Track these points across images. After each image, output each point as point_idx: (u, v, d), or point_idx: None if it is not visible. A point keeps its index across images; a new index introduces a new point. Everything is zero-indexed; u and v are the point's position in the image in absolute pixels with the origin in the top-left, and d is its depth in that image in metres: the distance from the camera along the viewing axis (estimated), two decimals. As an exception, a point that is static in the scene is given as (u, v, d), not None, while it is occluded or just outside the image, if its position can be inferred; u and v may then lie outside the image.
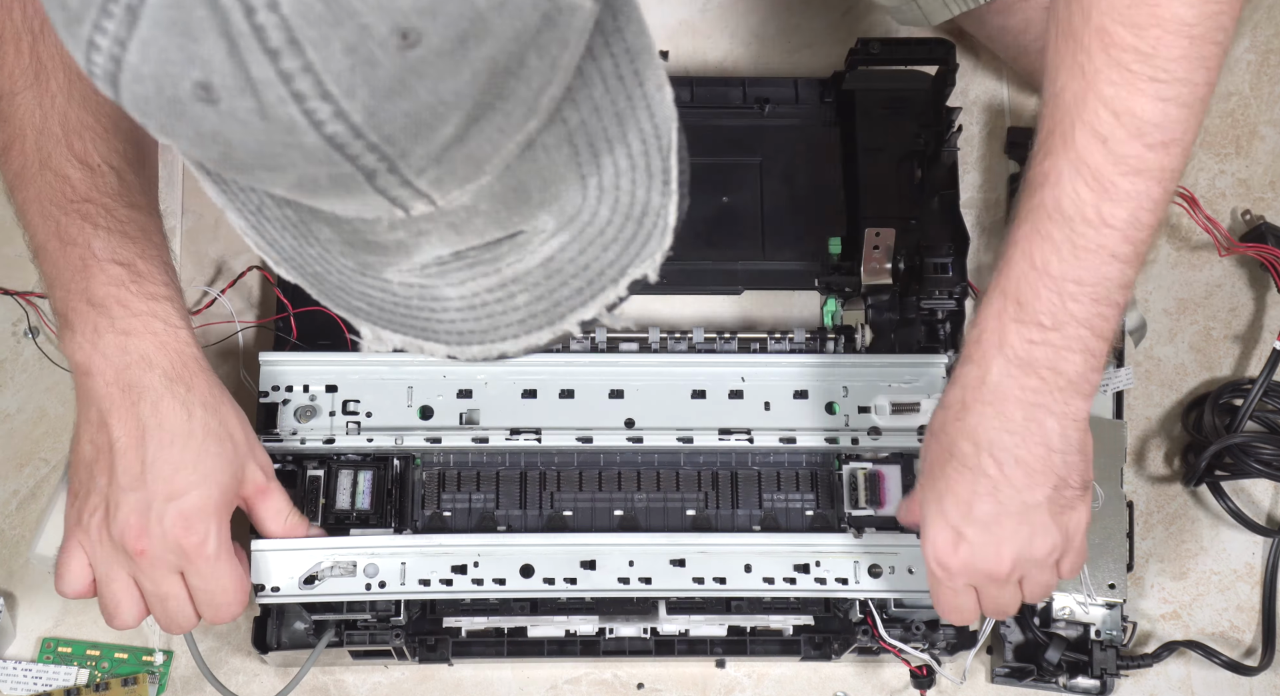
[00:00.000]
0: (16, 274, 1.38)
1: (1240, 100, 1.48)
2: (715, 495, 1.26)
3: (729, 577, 1.19)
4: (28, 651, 1.31)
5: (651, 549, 1.20)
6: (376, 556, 1.19)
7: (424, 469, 1.26)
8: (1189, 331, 1.42)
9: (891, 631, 1.22)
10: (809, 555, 1.20)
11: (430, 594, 1.19)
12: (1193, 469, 1.35)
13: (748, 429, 1.25)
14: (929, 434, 1.09)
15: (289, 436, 1.23)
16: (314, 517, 1.22)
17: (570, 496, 1.25)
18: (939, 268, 1.33)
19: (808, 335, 1.32)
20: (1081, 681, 1.29)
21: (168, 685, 1.29)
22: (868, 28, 1.48)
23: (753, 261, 1.36)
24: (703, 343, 1.31)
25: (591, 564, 1.19)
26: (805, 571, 1.20)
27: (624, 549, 1.20)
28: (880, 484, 1.26)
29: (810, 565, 1.20)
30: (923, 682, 1.26)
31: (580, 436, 1.24)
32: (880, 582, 1.20)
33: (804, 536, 1.21)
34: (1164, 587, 1.36)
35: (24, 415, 1.36)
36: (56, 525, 1.25)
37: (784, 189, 1.34)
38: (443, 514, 1.25)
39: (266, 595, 1.18)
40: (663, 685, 1.32)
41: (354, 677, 1.30)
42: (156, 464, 1.06)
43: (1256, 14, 1.50)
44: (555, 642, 1.26)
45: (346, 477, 1.24)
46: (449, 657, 1.25)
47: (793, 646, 1.27)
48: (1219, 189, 1.45)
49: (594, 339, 1.30)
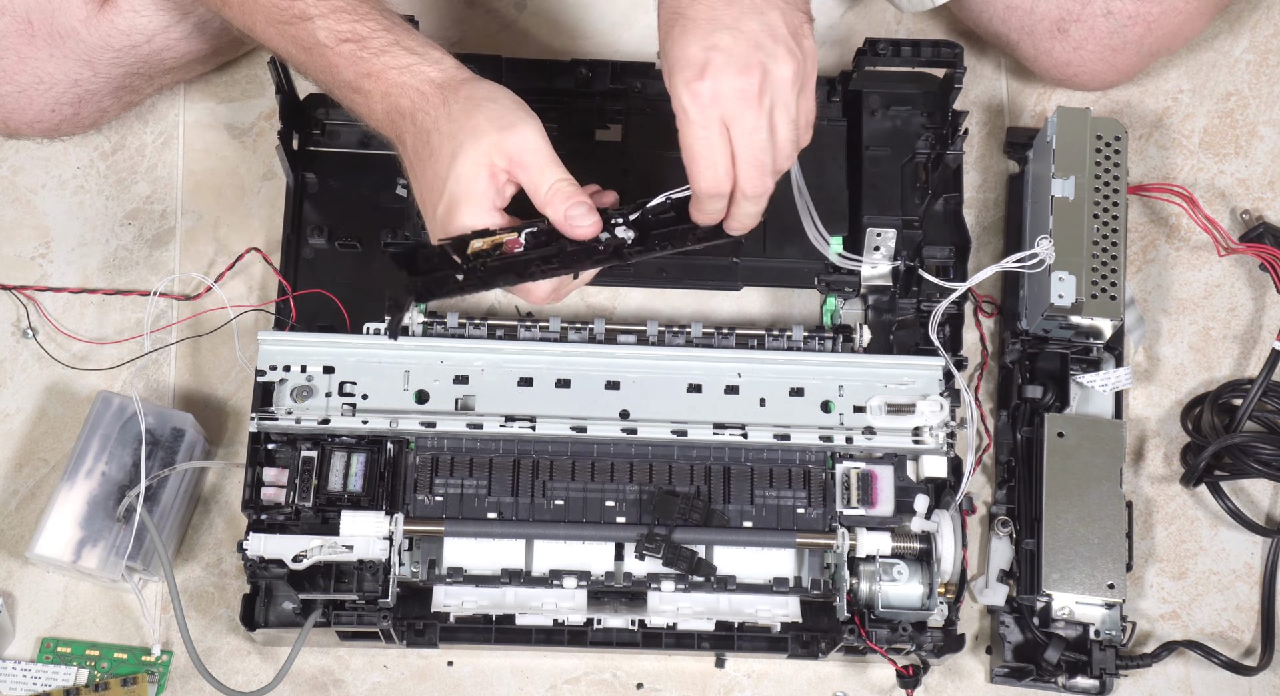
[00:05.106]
0: (16, 272, 1.39)
1: (1239, 100, 1.48)
2: (708, 489, 1.26)
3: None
4: (27, 651, 1.31)
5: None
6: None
7: (417, 453, 1.26)
8: (1188, 331, 1.42)
9: (878, 632, 1.22)
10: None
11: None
12: (1192, 469, 1.35)
13: (742, 424, 1.25)
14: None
15: (284, 416, 1.24)
16: (305, 499, 1.23)
17: (563, 485, 1.26)
18: (940, 270, 1.33)
19: (806, 333, 1.32)
20: (1081, 681, 1.28)
21: (167, 685, 1.30)
22: (867, 28, 1.48)
23: (753, 258, 1.36)
24: (700, 337, 1.31)
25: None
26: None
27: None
28: (873, 483, 1.27)
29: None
30: (909, 682, 1.26)
31: (575, 426, 1.25)
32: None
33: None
34: (1163, 587, 1.36)
35: (24, 415, 1.36)
36: (56, 525, 1.26)
37: (787, 187, 1.34)
38: (435, 498, 1.25)
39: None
40: (662, 685, 1.32)
41: (353, 677, 1.30)
42: (421, 182, 1.12)
43: (1256, 14, 1.50)
44: (543, 632, 1.26)
45: (340, 459, 1.24)
46: (436, 642, 1.26)
47: (780, 643, 1.27)
48: (1218, 189, 1.45)
49: (592, 330, 1.31)
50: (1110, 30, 1.37)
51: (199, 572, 1.33)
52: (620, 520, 1.25)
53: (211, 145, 1.43)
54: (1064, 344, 1.33)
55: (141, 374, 1.36)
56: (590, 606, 1.25)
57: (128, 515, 1.26)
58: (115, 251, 1.40)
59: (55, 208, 1.41)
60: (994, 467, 1.36)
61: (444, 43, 1.45)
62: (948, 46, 1.32)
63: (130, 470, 1.28)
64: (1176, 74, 1.48)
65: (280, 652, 1.30)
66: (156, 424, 1.30)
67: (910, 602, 1.23)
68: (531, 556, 1.24)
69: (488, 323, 1.32)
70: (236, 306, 1.37)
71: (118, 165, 1.42)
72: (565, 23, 1.49)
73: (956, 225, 1.35)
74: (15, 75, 1.32)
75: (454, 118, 1.08)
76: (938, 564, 1.23)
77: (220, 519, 1.34)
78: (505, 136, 1.07)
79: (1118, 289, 1.29)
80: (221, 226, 1.41)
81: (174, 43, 1.34)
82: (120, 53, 1.32)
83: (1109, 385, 1.32)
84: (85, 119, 1.38)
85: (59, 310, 1.38)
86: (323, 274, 1.35)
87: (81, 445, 1.28)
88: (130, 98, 1.39)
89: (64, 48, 1.31)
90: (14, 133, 1.39)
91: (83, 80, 1.33)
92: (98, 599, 1.32)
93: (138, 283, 1.39)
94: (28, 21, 1.31)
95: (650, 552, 1.22)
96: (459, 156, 1.07)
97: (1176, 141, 1.46)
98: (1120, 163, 1.32)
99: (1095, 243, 1.30)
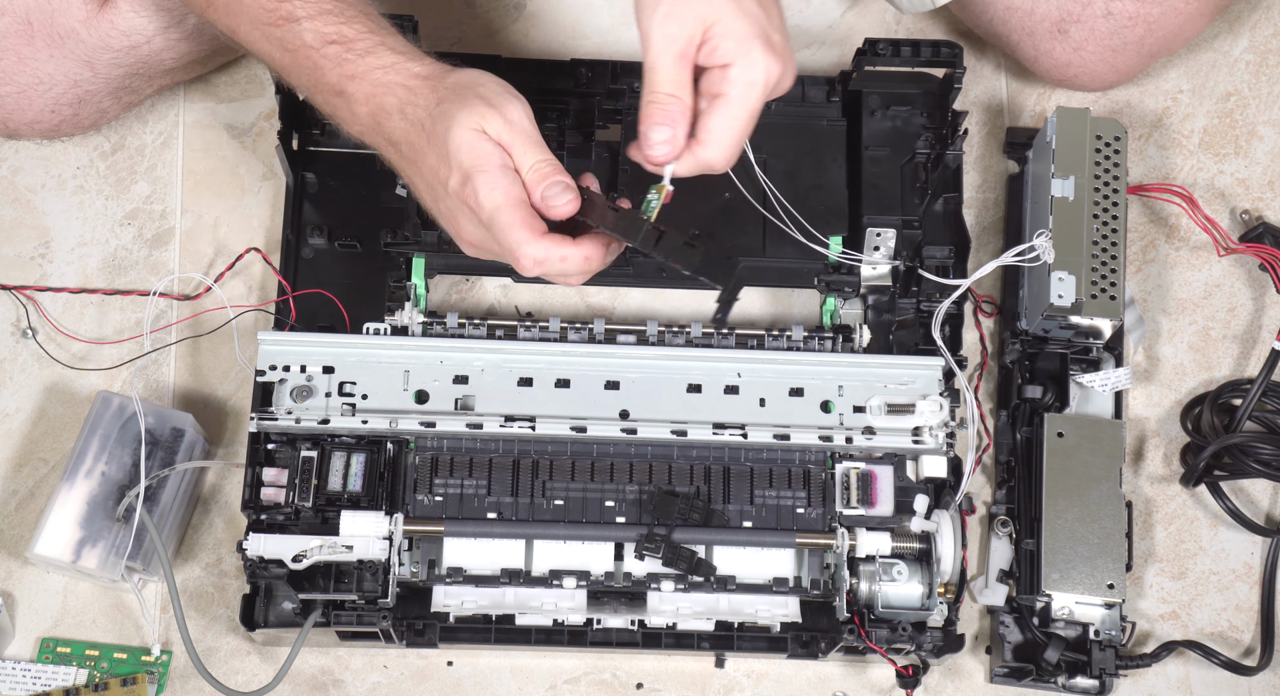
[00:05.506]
0: (16, 272, 1.39)
1: (1239, 100, 1.48)
2: (707, 489, 1.26)
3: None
4: (27, 651, 1.31)
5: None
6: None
7: (417, 453, 1.26)
8: (1188, 331, 1.42)
9: (878, 632, 1.22)
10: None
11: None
12: (1191, 469, 1.35)
13: (742, 424, 1.25)
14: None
15: (284, 416, 1.24)
16: (305, 499, 1.23)
17: (562, 485, 1.26)
18: (939, 270, 1.33)
19: (805, 333, 1.32)
20: (1080, 681, 1.28)
21: (167, 685, 1.30)
22: (867, 28, 1.48)
23: (753, 258, 1.36)
24: (700, 337, 1.31)
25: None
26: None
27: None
28: (872, 484, 1.27)
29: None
30: (909, 682, 1.26)
31: (575, 426, 1.25)
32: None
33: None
34: (1163, 587, 1.36)
35: (23, 415, 1.36)
36: (56, 525, 1.26)
37: (787, 186, 1.34)
38: (435, 498, 1.25)
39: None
40: (662, 685, 1.32)
41: (353, 677, 1.30)
42: (423, 171, 1.11)
43: (1256, 14, 1.50)
44: (543, 632, 1.26)
45: (339, 459, 1.24)
46: (436, 642, 1.26)
47: (780, 643, 1.27)
48: (1218, 189, 1.45)
49: (592, 330, 1.31)
50: (1110, 31, 1.37)
51: (199, 572, 1.33)
52: (620, 520, 1.25)
53: (211, 145, 1.43)
54: (1064, 344, 1.33)
55: (141, 374, 1.36)
56: (590, 606, 1.25)
57: (128, 515, 1.26)
58: (115, 251, 1.40)
59: (55, 208, 1.41)
60: (994, 467, 1.36)
61: (444, 43, 1.46)
62: (947, 46, 1.32)
63: (130, 470, 1.28)
64: (1176, 74, 1.48)
65: (280, 652, 1.30)
66: (156, 424, 1.30)
67: (910, 602, 1.23)
68: (531, 556, 1.24)
69: (487, 323, 1.32)
70: (236, 306, 1.37)
71: (117, 165, 1.42)
72: (565, 23, 1.49)
73: (956, 225, 1.35)
74: (15, 76, 1.32)
75: (444, 100, 1.08)
76: (937, 564, 1.23)
77: (220, 519, 1.34)
78: (493, 111, 1.07)
79: (1117, 289, 1.29)
80: (221, 226, 1.41)
81: (174, 43, 1.34)
82: (120, 53, 1.32)
83: (1109, 385, 1.32)
84: (85, 119, 1.38)
85: (59, 310, 1.38)
86: (322, 274, 1.35)
87: (81, 445, 1.28)
88: (130, 98, 1.39)
89: (63, 48, 1.31)
90: (13, 133, 1.39)
91: (82, 81, 1.33)
92: (97, 599, 1.32)
93: (137, 283, 1.39)
94: (27, 22, 1.30)
95: (650, 552, 1.22)
96: (454, 128, 1.07)
97: (1176, 141, 1.46)
98: (1120, 163, 1.32)
99: (1095, 243, 1.30)
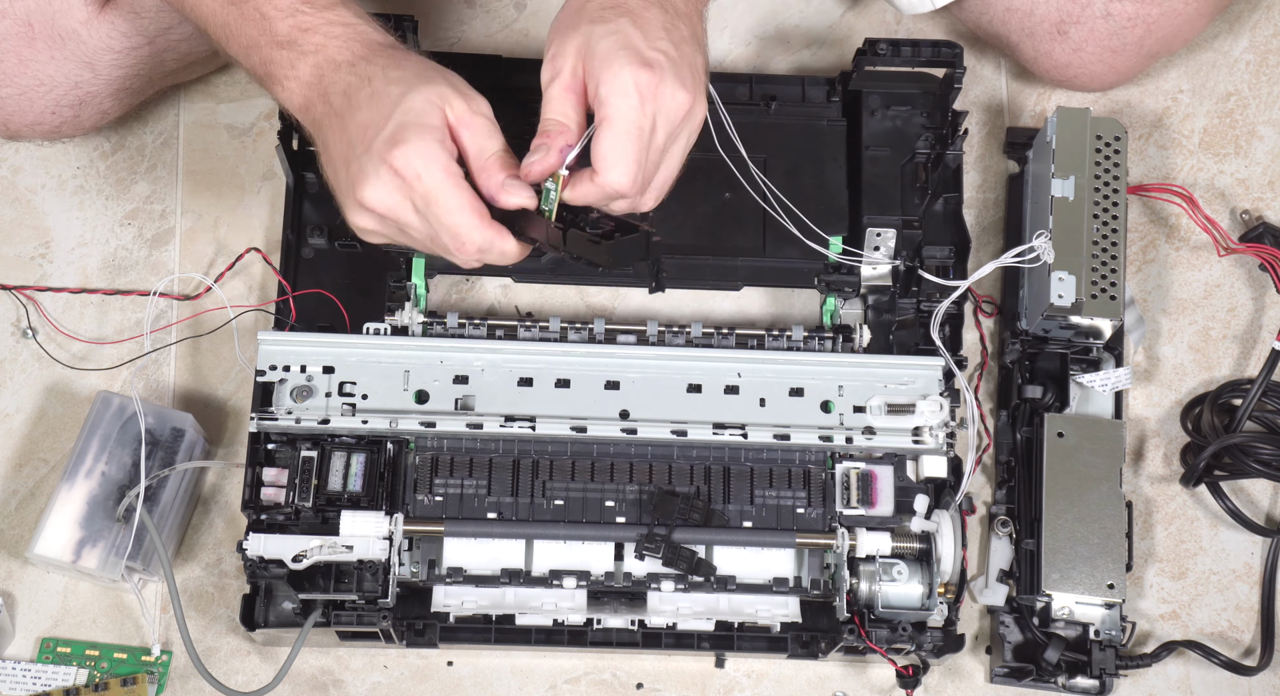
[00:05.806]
0: (16, 272, 1.39)
1: (1239, 100, 1.48)
2: (707, 489, 1.26)
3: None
4: (27, 651, 1.31)
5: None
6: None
7: (417, 453, 1.26)
8: (1188, 331, 1.42)
9: (878, 632, 1.22)
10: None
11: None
12: (1192, 469, 1.35)
13: (742, 424, 1.25)
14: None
15: (284, 416, 1.24)
16: (305, 499, 1.23)
17: (562, 485, 1.26)
18: (939, 270, 1.33)
19: (805, 333, 1.32)
20: (1080, 681, 1.28)
21: (167, 685, 1.30)
22: (867, 28, 1.48)
23: (753, 258, 1.36)
24: (700, 337, 1.31)
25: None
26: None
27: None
28: (872, 484, 1.27)
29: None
30: (909, 682, 1.26)
31: (575, 426, 1.25)
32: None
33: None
34: (1163, 587, 1.36)
35: (24, 415, 1.36)
36: (56, 525, 1.26)
37: (787, 186, 1.34)
38: (435, 498, 1.25)
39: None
40: (662, 685, 1.32)
41: (353, 677, 1.30)
42: (350, 126, 1.07)
43: (1256, 14, 1.50)
44: (543, 631, 1.26)
45: (339, 459, 1.24)
46: (436, 642, 1.26)
47: (780, 643, 1.27)
48: (1218, 189, 1.45)
49: (592, 330, 1.31)
50: (1110, 32, 1.37)
51: (199, 572, 1.33)
52: (620, 520, 1.25)
53: (211, 145, 1.43)
54: (1064, 344, 1.33)
55: (141, 374, 1.36)
56: (590, 606, 1.25)
57: (128, 515, 1.26)
58: (115, 251, 1.40)
59: (55, 208, 1.41)
60: (994, 467, 1.36)
61: (444, 43, 1.46)
62: (947, 47, 1.32)
63: (130, 470, 1.28)
64: (1176, 74, 1.48)
65: (280, 652, 1.30)
66: (156, 424, 1.30)
67: (910, 602, 1.23)
68: (531, 556, 1.24)
69: (487, 323, 1.32)
70: (236, 306, 1.38)
71: (117, 165, 1.42)
72: (565, 23, 1.49)
73: (956, 225, 1.35)
74: (16, 78, 1.32)
75: (404, 67, 1.07)
76: (937, 564, 1.23)
77: (220, 519, 1.34)
78: (459, 97, 1.06)
79: (1117, 289, 1.29)
80: (221, 226, 1.41)
81: (174, 44, 1.34)
82: (121, 54, 1.32)
83: (1109, 385, 1.32)
84: (86, 121, 1.37)
85: (59, 310, 1.38)
86: (322, 274, 1.35)
87: (81, 445, 1.29)
88: (131, 99, 1.39)
89: (65, 50, 1.31)
90: (14, 135, 1.38)
91: (83, 82, 1.33)
92: (97, 599, 1.32)
93: (138, 283, 1.39)
94: (28, 24, 1.30)
95: (650, 552, 1.22)
96: (411, 94, 1.05)
97: (1176, 141, 1.46)
98: (1120, 163, 1.32)
99: (1095, 243, 1.30)
